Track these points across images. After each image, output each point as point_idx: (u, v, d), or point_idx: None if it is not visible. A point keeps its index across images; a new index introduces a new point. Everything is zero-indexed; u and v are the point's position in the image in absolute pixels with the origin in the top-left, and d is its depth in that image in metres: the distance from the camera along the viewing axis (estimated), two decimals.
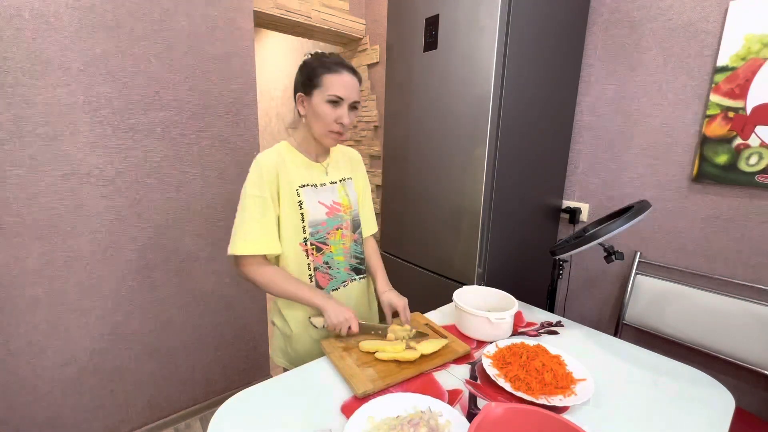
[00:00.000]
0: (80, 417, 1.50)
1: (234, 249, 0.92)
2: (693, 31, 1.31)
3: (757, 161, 1.20)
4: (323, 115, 0.92)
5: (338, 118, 0.93)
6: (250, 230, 0.92)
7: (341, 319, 0.92)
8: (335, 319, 0.92)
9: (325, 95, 0.91)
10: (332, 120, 0.93)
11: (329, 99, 0.91)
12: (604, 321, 1.66)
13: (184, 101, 1.53)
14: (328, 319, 0.93)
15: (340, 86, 0.91)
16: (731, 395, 0.82)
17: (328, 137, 0.96)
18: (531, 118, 1.43)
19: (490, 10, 1.25)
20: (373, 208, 1.19)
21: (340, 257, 1.04)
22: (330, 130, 0.94)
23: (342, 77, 0.92)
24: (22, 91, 1.23)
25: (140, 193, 1.49)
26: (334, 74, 0.91)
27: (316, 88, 0.92)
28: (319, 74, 0.91)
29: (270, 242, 0.94)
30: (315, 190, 0.99)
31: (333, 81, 0.91)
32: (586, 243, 1.10)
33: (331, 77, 0.91)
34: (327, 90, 0.91)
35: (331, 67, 0.91)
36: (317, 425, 0.70)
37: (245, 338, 1.90)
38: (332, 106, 0.92)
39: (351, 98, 0.93)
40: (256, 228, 0.92)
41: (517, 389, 0.78)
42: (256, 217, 0.92)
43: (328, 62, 0.92)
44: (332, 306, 0.94)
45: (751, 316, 1.23)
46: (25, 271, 1.31)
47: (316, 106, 0.93)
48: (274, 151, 0.97)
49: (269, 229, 0.93)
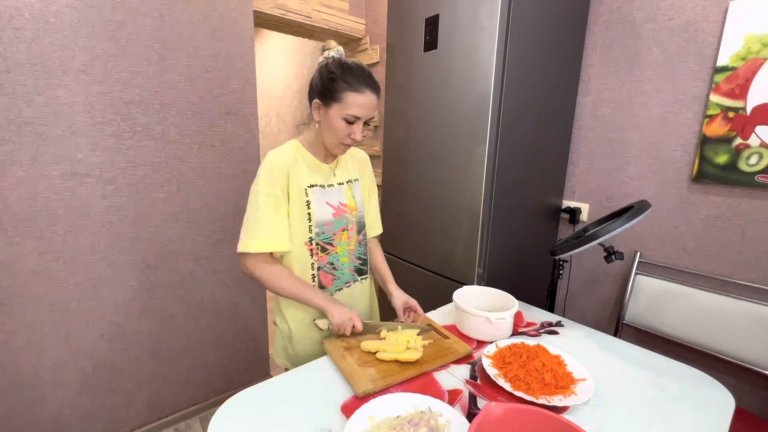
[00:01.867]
0: (80, 417, 1.50)
1: (246, 247, 0.91)
2: (693, 31, 1.31)
3: (757, 161, 1.20)
4: (337, 130, 0.92)
5: (351, 133, 0.92)
6: (264, 228, 0.91)
7: (345, 318, 0.93)
8: (339, 319, 0.93)
9: (343, 113, 0.89)
10: (345, 135, 0.92)
11: (346, 118, 0.90)
12: (604, 321, 1.66)
13: (184, 101, 1.53)
14: (332, 320, 0.93)
15: (360, 107, 0.89)
16: (731, 395, 0.82)
17: (338, 148, 0.96)
18: (531, 117, 1.43)
19: (490, 10, 1.25)
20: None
21: (344, 258, 1.04)
22: (341, 142, 0.94)
23: (364, 97, 0.89)
24: (22, 91, 1.23)
25: (140, 193, 1.49)
26: (357, 94, 0.88)
27: (336, 102, 0.89)
28: (341, 89, 0.88)
29: (282, 240, 0.94)
30: (323, 190, 0.99)
31: (354, 101, 0.88)
32: (586, 243, 1.10)
33: (353, 96, 0.88)
34: (346, 109, 0.89)
35: (354, 85, 0.88)
36: (317, 425, 0.70)
37: (245, 338, 1.90)
38: (348, 123, 0.91)
39: (367, 116, 0.92)
40: (268, 225, 0.92)
41: (517, 389, 0.78)
42: (270, 214, 0.92)
43: (352, 78, 0.88)
44: (335, 307, 0.94)
45: (751, 316, 1.23)
46: (25, 271, 1.31)
47: (331, 119, 0.91)
48: (286, 149, 0.97)
49: (282, 226, 0.94)
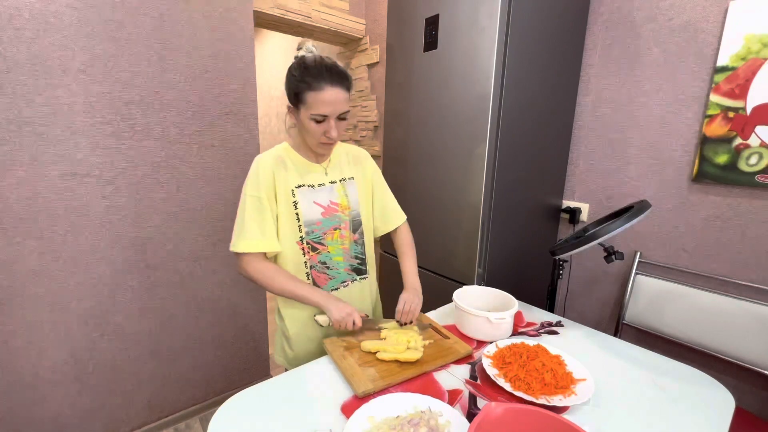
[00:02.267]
0: (80, 417, 1.50)
1: (235, 247, 0.94)
2: (693, 31, 1.31)
3: (757, 161, 1.20)
4: (311, 131, 0.91)
5: (325, 132, 0.91)
6: (249, 229, 0.93)
7: (344, 314, 0.93)
8: (338, 315, 0.93)
9: (309, 113, 0.88)
10: (320, 134, 0.92)
11: (314, 118, 0.89)
12: (604, 321, 1.66)
13: (184, 101, 1.53)
14: (330, 316, 0.93)
15: (323, 104, 0.87)
16: (731, 395, 0.82)
17: (320, 148, 0.96)
18: (531, 117, 1.43)
19: (490, 10, 1.25)
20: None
21: (338, 257, 1.04)
22: (320, 142, 0.94)
23: (324, 94, 0.86)
24: (22, 91, 1.23)
25: (140, 193, 1.49)
26: (316, 92, 0.86)
27: (302, 104, 0.89)
28: (302, 90, 0.87)
29: (268, 241, 0.95)
30: (312, 190, 0.99)
31: (315, 99, 0.87)
32: (586, 243, 1.10)
33: (314, 95, 0.86)
34: (311, 108, 0.88)
35: (311, 84, 0.86)
36: (317, 425, 0.70)
37: (245, 338, 1.90)
38: (318, 123, 0.90)
39: (336, 112, 0.89)
40: (254, 227, 0.93)
41: (517, 389, 0.78)
42: (254, 216, 0.93)
43: (310, 78, 0.86)
44: (333, 303, 0.94)
45: (751, 316, 1.23)
46: (25, 271, 1.31)
47: (303, 121, 0.91)
48: (273, 152, 0.98)
49: (267, 228, 0.94)
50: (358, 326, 0.95)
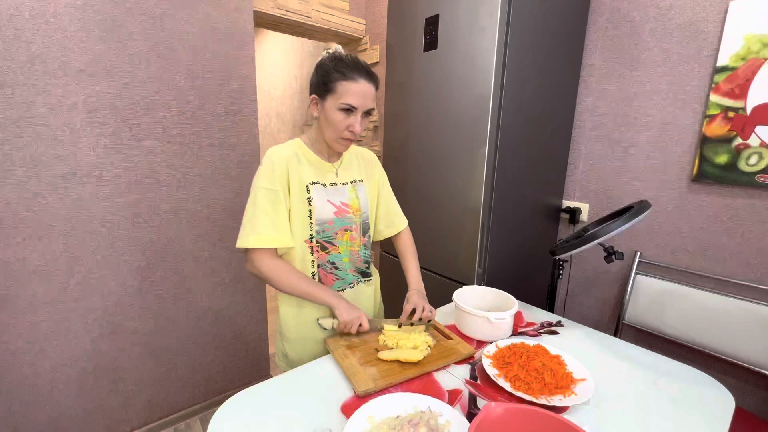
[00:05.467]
0: (80, 417, 1.50)
1: (244, 242, 0.90)
2: (693, 31, 1.31)
3: (757, 161, 1.20)
4: (335, 122, 0.90)
5: (350, 125, 0.91)
6: (261, 223, 0.90)
7: (353, 316, 0.93)
8: (347, 316, 0.92)
9: (338, 102, 0.88)
10: (343, 127, 0.91)
11: (342, 107, 0.88)
12: (604, 321, 1.66)
13: (184, 101, 1.53)
14: (339, 317, 0.93)
15: (354, 95, 0.87)
16: (731, 395, 0.82)
17: (338, 143, 0.95)
18: (531, 118, 1.43)
19: (490, 10, 1.25)
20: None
21: (346, 259, 1.03)
22: (340, 136, 0.93)
23: (358, 85, 0.87)
24: (22, 91, 1.23)
25: (140, 193, 1.49)
26: (350, 82, 0.87)
27: (330, 94, 0.89)
28: (334, 80, 0.87)
29: (281, 235, 0.92)
30: (325, 189, 0.98)
31: (347, 89, 0.87)
32: (586, 243, 1.10)
33: (346, 85, 0.87)
34: (340, 98, 0.87)
35: (346, 74, 0.87)
36: (317, 425, 0.70)
37: (245, 338, 1.90)
38: (345, 114, 0.89)
39: (365, 107, 0.90)
40: (266, 221, 0.90)
41: (517, 389, 0.78)
42: (267, 209, 0.91)
43: (344, 68, 0.88)
44: (343, 304, 0.94)
45: (751, 316, 1.24)
46: (25, 271, 1.31)
47: (328, 112, 0.90)
48: (287, 146, 0.97)
49: (280, 222, 0.92)
50: (364, 329, 0.95)
